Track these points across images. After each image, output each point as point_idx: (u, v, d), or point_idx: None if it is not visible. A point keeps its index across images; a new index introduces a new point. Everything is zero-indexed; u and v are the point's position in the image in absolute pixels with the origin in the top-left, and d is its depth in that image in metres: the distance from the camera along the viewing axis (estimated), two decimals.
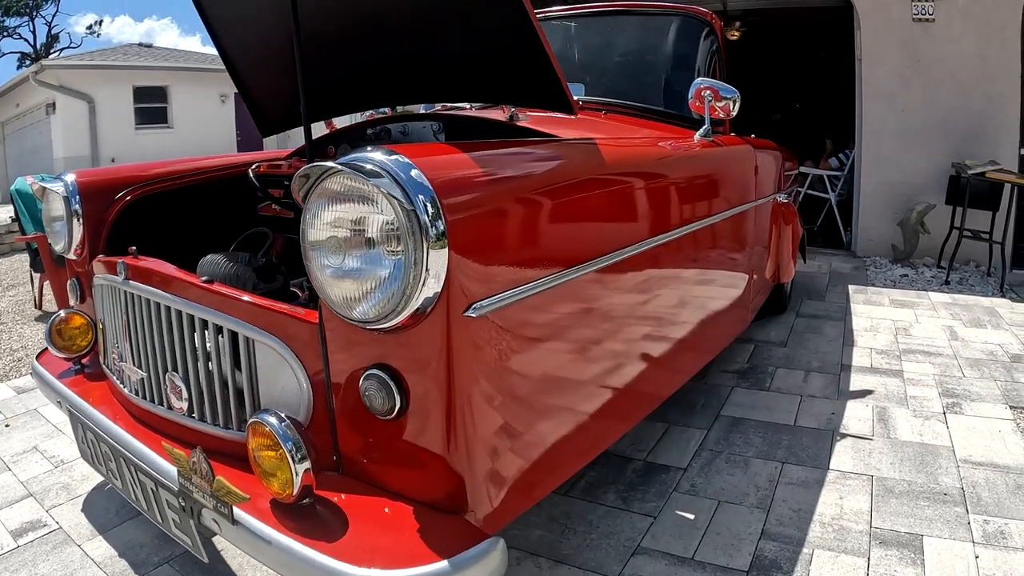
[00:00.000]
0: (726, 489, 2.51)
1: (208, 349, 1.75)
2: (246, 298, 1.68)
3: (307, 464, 1.38)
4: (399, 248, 1.28)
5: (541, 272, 1.54)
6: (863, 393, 3.34)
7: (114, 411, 2.03)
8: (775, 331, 4.34)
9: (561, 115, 2.42)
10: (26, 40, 32.82)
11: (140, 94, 16.66)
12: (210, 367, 1.76)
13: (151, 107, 16.84)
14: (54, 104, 15.75)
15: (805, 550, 2.15)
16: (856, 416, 3.08)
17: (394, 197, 1.26)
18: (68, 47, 33.16)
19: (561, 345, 1.70)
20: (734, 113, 2.80)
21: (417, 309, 1.30)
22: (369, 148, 1.34)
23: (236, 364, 1.70)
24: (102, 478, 2.15)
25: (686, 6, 3.46)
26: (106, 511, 2.45)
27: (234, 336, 1.69)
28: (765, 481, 2.56)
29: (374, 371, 1.40)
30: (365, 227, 1.32)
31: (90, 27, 51.06)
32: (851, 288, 5.48)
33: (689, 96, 2.81)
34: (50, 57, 26.80)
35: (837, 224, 7.37)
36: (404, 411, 1.39)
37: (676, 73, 3.27)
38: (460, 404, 1.36)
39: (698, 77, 2.98)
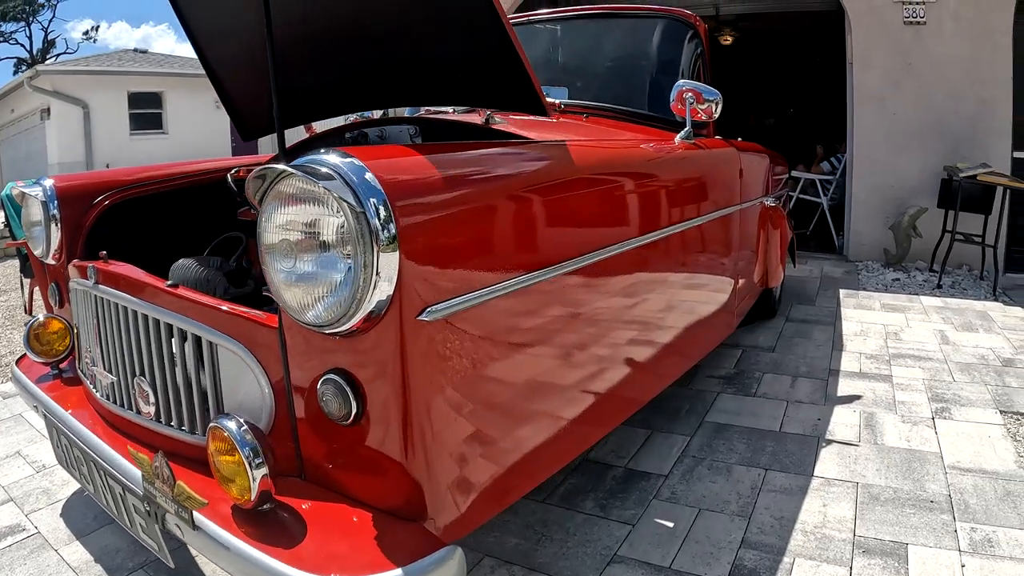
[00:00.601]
0: (707, 497, 2.47)
1: (174, 354, 1.73)
2: (209, 302, 1.65)
3: (264, 470, 1.36)
4: (350, 251, 1.26)
5: (501, 276, 1.51)
6: (851, 398, 3.31)
7: (88, 416, 2.02)
8: (763, 336, 4.31)
9: (540, 118, 2.40)
10: (22, 45, 32.90)
11: (135, 100, 16.67)
12: (176, 372, 1.74)
13: (146, 113, 16.83)
14: (49, 109, 15.74)
15: (786, 559, 2.11)
16: (843, 422, 3.05)
17: (345, 200, 1.23)
18: (64, 52, 33.25)
19: (526, 350, 1.67)
20: (716, 115, 2.77)
21: (370, 312, 1.27)
22: (323, 150, 1.31)
23: (201, 369, 1.68)
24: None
25: (670, 8, 3.45)
26: (84, 516, 2.44)
27: (199, 341, 1.66)
28: (747, 488, 2.52)
29: (331, 376, 1.37)
30: (319, 230, 1.30)
31: (87, 32, 51.09)
32: (842, 292, 5.45)
33: (671, 99, 2.79)
34: (46, 62, 26.80)
35: (829, 228, 7.34)
36: (361, 416, 1.37)
37: (660, 76, 3.25)
38: (417, 410, 1.33)
39: (681, 79, 2.96)
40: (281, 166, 1.30)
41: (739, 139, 3.62)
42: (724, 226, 3.05)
